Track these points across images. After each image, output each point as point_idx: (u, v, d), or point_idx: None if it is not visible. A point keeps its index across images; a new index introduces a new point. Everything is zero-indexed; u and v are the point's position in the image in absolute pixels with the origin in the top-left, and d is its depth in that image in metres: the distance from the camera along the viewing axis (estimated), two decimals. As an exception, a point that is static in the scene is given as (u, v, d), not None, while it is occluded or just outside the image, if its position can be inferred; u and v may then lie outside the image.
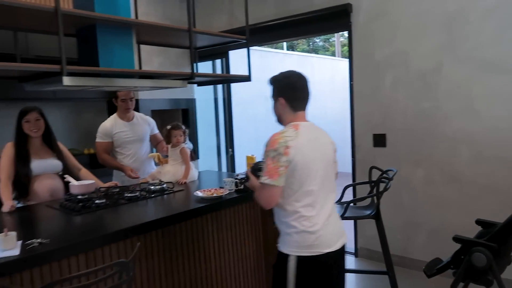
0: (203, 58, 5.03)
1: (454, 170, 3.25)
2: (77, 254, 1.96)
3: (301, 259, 1.80)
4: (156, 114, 4.72)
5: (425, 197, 3.42)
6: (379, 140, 3.58)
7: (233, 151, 5.03)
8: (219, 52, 4.74)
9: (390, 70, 3.49)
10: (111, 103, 3.58)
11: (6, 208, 2.42)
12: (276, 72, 2.05)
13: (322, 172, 1.85)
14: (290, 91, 1.92)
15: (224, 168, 5.22)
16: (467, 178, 3.19)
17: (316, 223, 1.80)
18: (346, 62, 11.81)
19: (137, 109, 4.13)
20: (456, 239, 2.13)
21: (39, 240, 1.84)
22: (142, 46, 3.15)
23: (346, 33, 3.70)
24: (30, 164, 2.67)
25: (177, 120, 5.14)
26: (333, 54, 15.93)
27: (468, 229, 2.41)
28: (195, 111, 5.12)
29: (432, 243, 3.34)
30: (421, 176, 3.42)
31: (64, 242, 1.86)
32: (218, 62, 5.14)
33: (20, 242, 1.83)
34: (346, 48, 16.97)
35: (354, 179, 3.81)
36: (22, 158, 2.67)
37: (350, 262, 3.72)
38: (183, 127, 3.34)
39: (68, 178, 2.73)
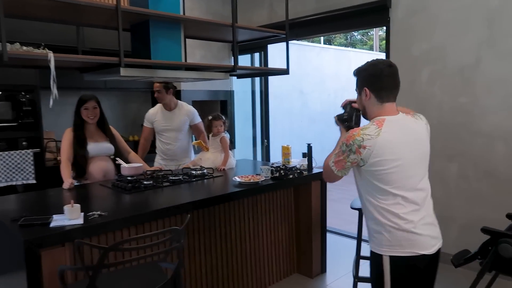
0: (242, 52, 5.21)
1: (489, 166, 3.26)
2: (130, 226, 2.20)
3: (394, 259, 1.68)
4: (196, 105, 4.93)
5: (458, 192, 3.45)
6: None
7: (268, 142, 5.20)
8: (258, 46, 4.90)
9: (427, 65, 3.52)
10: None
11: (66, 185, 2.70)
12: (312, 65, 2.10)
13: (415, 168, 1.72)
14: (376, 80, 1.74)
15: (259, 158, 5.40)
16: (502, 174, 3.20)
17: (410, 222, 1.66)
18: (384, 56, 11.74)
19: (179, 99, 4.37)
20: (485, 230, 2.19)
21: (98, 212, 2.09)
22: (186, 40, 3.36)
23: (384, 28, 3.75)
24: (86, 147, 2.95)
25: (215, 111, 5.37)
26: (371, 48, 15.71)
27: (499, 224, 2.45)
28: (233, 102, 5.32)
29: (463, 237, 3.38)
30: (455, 171, 3.45)
31: (119, 215, 2.09)
32: (256, 55, 5.30)
33: (82, 213, 2.08)
34: (385, 42, 16.70)
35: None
36: (79, 141, 2.96)
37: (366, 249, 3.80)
38: (224, 117, 3.54)
39: (119, 161, 3.00)
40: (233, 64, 3.00)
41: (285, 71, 3.37)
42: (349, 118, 1.91)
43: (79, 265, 1.61)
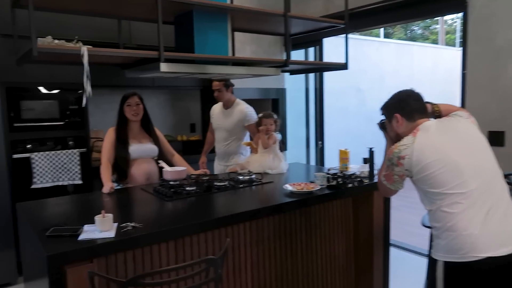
0: (295, 46, 4.87)
1: None
2: (167, 240, 1.97)
3: (449, 265, 1.60)
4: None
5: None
6: (496, 138, 3.10)
7: (322, 143, 4.82)
8: (312, 40, 4.54)
9: (514, 57, 2.99)
10: (204, 92, 3.65)
11: (105, 189, 2.54)
12: (371, 61, 1.90)
13: (468, 164, 1.63)
14: (405, 104, 1.82)
15: (312, 161, 5.04)
16: None
17: (467, 224, 1.56)
18: (451, 50, 10.81)
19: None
20: None
21: (132, 224, 1.87)
22: (236, 35, 3.10)
23: (451, 19, 3.24)
24: (128, 148, 2.78)
25: (266, 109, 5.08)
26: (433, 42, 14.67)
27: None
28: (285, 101, 5.00)
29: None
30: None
31: (155, 228, 1.86)
32: (310, 50, 4.94)
33: (115, 224, 1.87)
34: (450, 36, 15.51)
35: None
36: (121, 141, 2.80)
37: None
38: (275, 116, 3.25)
39: (162, 163, 2.79)
40: (285, 59, 2.68)
41: (344, 66, 3.00)
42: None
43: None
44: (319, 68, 3.10)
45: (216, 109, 3.67)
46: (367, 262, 2.95)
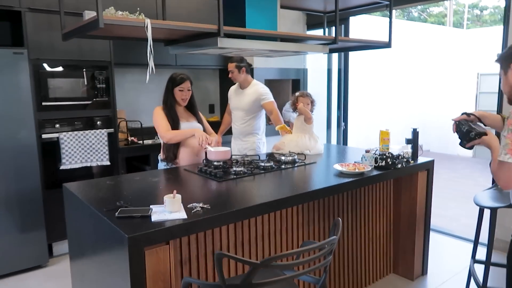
0: (315, 26, 4.77)
1: None
2: (236, 221, 1.92)
3: None
4: (268, 84, 4.61)
5: None
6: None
7: (346, 125, 4.78)
8: (332, 20, 4.43)
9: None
10: (223, 72, 3.59)
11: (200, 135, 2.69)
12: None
13: None
14: None
15: (333, 143, 5.00)
16: None
17: None
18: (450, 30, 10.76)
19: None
20: None
21: (200, 205, 1.81)
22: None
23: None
24: (179, 127, 2.78)
25: (287, 90, 5.00)
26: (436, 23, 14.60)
27: None
28: (306, 82, 4.92)
29: None
30: None
31: (223, 209, 1.80)
32: (332, 29, 4.83)
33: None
34: (458, 16, 15.39)
35: (496, 162, 3.36)
36: (173, 120, 2.79)
37: (481, 253, 3.35)
38: (312, 96, 3.18)
39: (205, 145, 2.73)
40: (333, 36, 2.60)
41: (388, 44, 2.94)
42: (469, 129, 1.81)
43: (218, 282, 1.31)
44: (365, 46, 3.02)
45: (233, 90, 3.67)
46: (407, 244, 2.95)
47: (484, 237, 2.90)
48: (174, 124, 2.78)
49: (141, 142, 3.86)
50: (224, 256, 1.31)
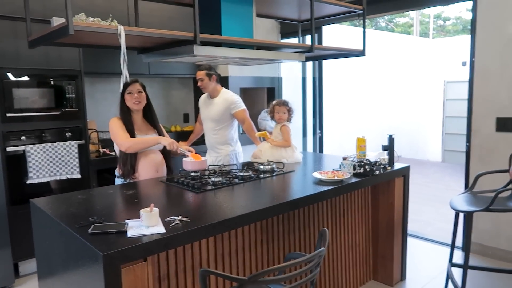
0: (290, 34, 4.80)
1: None
2: (216, 234, 1.86)
3: None
4: (243, 93, 4.58)
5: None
6: (504, 124, 3.19)
7: (321, 133, 4.80)
8: (307, 28, 4.47)
9: (523, 45, 3.06)
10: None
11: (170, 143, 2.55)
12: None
13: None
14: None
15: (309, 150, 5.01)
16: None
17: None
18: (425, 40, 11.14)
19: (226, 86, 4.01)
20: None
21: (179, 218, 1.74)
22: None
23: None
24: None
25: (262, 99, 4.99)
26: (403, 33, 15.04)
27: None
28: (281, 90, 4.92)
29: None
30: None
31: (203, 221, 1.73)
32: (307, 38, 4.87)
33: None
34: (423, 26, 15.90)
35: (468, 166, 3.45)
36: (128, 132, 2.57)
37: (457, 257, 3.41)
38: (289, 105, 3.16)
39: (183, 152, 2.63)
40: (309, 44, 2.60)
41: (362, 52, 2.97)
42: None
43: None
44: (339, 54, 3.04)
45: (203, 99, 3.53)
46: (386, 250, 2.96)
47: (458, 240, 2.95)
48: (130, 135, 2.56)
49: (113, 153, 3.73)
50: (209, 273, 1.25)
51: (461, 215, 2.51)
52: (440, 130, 9.29)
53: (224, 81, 4.21)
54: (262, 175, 2.63)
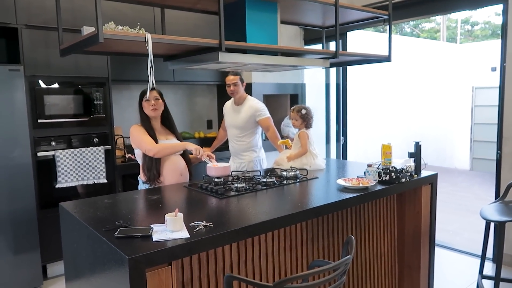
0: (312, 41, 4.79)
1: None
2: (240, 240, 1.86)
3: None
4: (266, 99, 4.59)
5: None
6: (537, 131, 3.07)
7: (345, 139, 4.75)
8: (332, 34, 4.44)
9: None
10: (220, 87, 3.52)
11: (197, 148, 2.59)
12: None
13: None
14: None
15: (333, 157, 4.96)
16: None
17: None
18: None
19: (249, 93, 4.02)
20: None
21: (203, 223, 1.75)
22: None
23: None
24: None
25: (285, 105, 4.98)
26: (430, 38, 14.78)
27: None
28: (304, 96, 4.90)
29: None
30: None
31: (228, 226, 1.74)
32: (331, 44, 4.84)
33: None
34: (450, 32, 15.62)
35: (499, 174, 3.34)
36: (151, 137, 2.63)
37: (488, 268, 3.28)
38: (303, 111, 3.10)
39: (205, 159, 2.66)
40: (333, 50, 2.58)
41: (387, 58, 2.93)
42: None
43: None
44: (365, 60, 3.01)
45: (228, 106, 3.55)
46: (412, 260, 2.88)
47: (489, 251, 2.85)
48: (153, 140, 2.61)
49: (138, 159, 3.79)
50: (234, 279, 1.24)
51: (492, 225, 2.43)
52: (468, 137, 9.04)
53: (247, 88, 4.23)
54: (285, 182, 2.62)
